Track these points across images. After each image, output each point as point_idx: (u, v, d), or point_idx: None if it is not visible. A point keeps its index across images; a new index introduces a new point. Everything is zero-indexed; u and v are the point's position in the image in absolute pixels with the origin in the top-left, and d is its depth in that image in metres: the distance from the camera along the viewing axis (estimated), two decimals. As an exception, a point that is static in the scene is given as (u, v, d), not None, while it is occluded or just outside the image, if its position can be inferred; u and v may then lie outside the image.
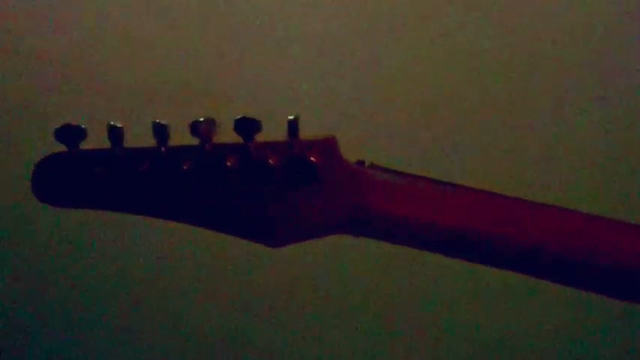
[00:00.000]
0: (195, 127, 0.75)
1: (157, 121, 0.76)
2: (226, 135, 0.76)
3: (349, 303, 1.61)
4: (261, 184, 0.78)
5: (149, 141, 0.77)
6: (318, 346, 1.62)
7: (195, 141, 0.76)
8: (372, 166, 0.83)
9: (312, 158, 0.77)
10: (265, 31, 1.52)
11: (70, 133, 0.76)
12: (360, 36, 1.52)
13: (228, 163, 0.77)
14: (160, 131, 0.76)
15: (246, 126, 0.76)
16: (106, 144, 0.77)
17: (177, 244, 1.58)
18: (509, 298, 1.57)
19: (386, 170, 0.82)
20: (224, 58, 1.53)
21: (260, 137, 0.76)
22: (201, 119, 0.75)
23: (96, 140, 0.77)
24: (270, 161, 0.77)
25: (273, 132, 0.77)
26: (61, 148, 0.77)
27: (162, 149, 0.76)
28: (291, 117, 0.77)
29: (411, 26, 1.51)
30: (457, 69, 1.51)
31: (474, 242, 0.81)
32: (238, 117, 0.76)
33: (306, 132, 0.78)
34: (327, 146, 0.79)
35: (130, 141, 0.77)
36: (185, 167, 0.77)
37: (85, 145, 0.77)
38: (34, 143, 1.46)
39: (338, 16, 1.51)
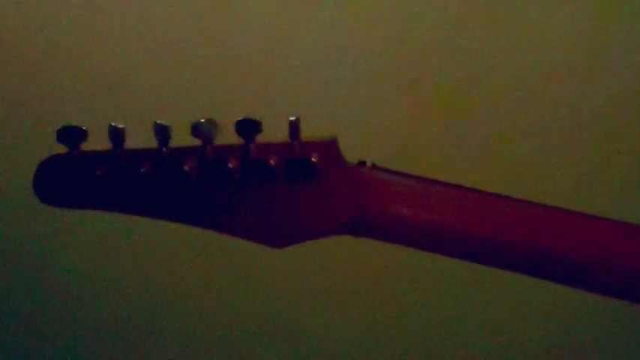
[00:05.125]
0: (196, 129, 0.76)
1: (159, 122, 0.76)
2: (227, 136, 0.76)
3: (350, 303, 1.61)
4: (262, 184, 0.78)
5: (151, 142, 0.77)
6: (318, 345, 1.63)
7: (196, 142, 0.76)
8: (374, 166, 0.83)
9: (313, 159, 0.78)
10: (266, 33, 1.52)
11: (72, 135, 0.76)
12: (361, 37, 1.52)
13: (230, 164, 0.77)
14: (162, 132, 0.76)
15: (247, 127, 0.76)
16: (108, 145, 0.77)
17: (177, 245, 1.58)
18: (509, 298, 1.57)
19: (387, 171, 0.83)
20: (225, 59, 1.53)
21: (261, 138, 0.76)
22: (203, 120, 0.76)
23: (97, 142, 0.77)
24: (272, 162, 0.77)
25: (274, 133, 0.77)
26: (63, 149, 0.77)
27: (164, 150, 0.77)
28: (292, 118, 0.77)
29: (412, 27, 1.51)
30: (458, 70, 1.52)
31: (475, 242, 0.81)
32: (239, 118, 0.76)
33: (307, 133, 0.78)
34: (329, 147, 0.79)
35: (132, 142, 0.77)
36: (186, 168, 0.77)
37: (86, 147, 0.77)
38: (35, 144, 1.46)
39: (339, 17, 1.51)
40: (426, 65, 1.52)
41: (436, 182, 0.83)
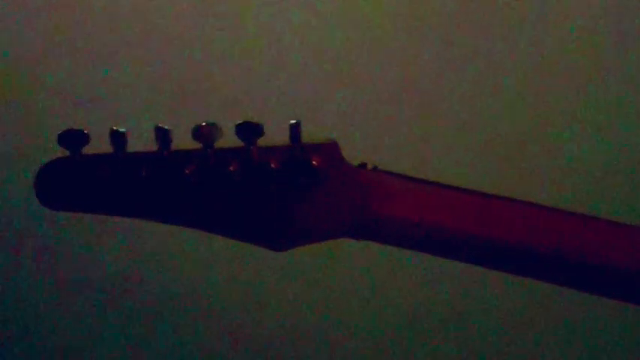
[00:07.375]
0: (197, 132, 0.75)
1: (160, 125, 0.76)
2: (228, 139, 0.76)
3: (351, 304, 1.61)
4: (263, 188, 0.78)
5: (151, 145, 0.77)
6: (319, 345, 1.63)
7: (197, 145, 0.76)
8: (375, 169, 0.83)
9: (314, 162, 0.77)
10: (267, 35, 1.52)
11: (73, 138, 0.76)
12: (362, 39, 1.52)
13: (231, 168, 0.77)
14: (163, 135, 0.76)
15: (248, 130, 0.76)
16: (109, 149, 0.77)
17: (178, 248, 1.58)
18: (510, 299, 1.57)
19: (388, 173, 0.83)
20: (226, 62, 1.53)
21: (262, 141, 0.76)
22: (204, 123, 0.75)
23: (98, 145, 0.77)
24: (272, 165, 0.77)
25: (275, 136, 0.77)
26: (64, 152, 0.77)
27: (165, 154, 0.76)
28: (292, 121, 0.77)
29: (412, 28, 1.51)
30: (459, 71, 1.51)
31: (477, 245, 0.81)
32: (240, 121, 0.76)
33: (308, 136, 0.78)
34: (330, 150, 0.79)
35: (133, 145, 0.77)
36: (187, 171, 0.76)
37: (87, 150, 0.77)
38: (37, 148, 1.46)
39: (340, 19, 1.51)
40: (428, 67, 1.52)
41: (438, 185, 0.83)
